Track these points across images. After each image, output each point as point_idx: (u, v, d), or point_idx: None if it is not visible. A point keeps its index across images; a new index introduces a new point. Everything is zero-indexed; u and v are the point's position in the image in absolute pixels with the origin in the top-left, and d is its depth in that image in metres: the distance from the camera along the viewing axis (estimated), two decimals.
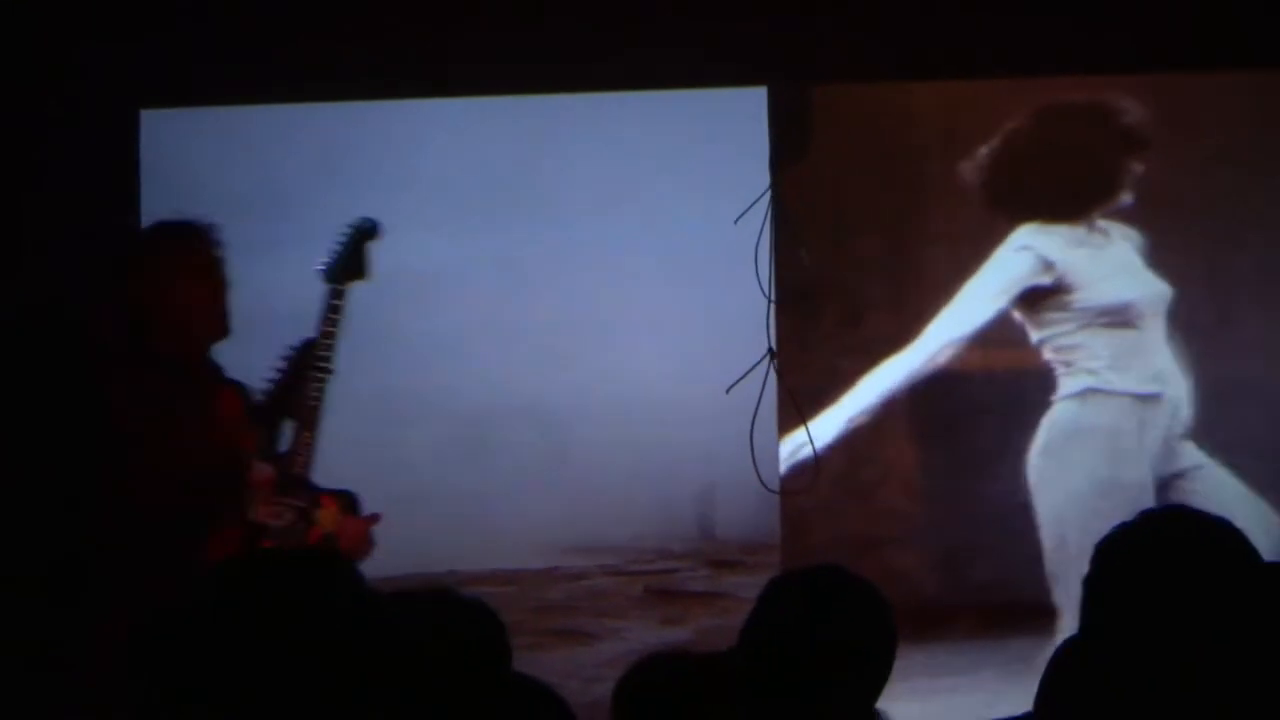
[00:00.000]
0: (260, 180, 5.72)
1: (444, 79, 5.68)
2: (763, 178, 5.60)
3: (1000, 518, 5.61)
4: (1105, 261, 5.66)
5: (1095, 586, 2.50)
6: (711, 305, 5.63)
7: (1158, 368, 5.63)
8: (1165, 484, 5.60)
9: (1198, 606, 2.42)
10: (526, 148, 5.71)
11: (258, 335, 5.58)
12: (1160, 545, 2.49)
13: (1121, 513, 5.38)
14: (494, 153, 5.71)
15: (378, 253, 5.15)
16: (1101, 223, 5.67)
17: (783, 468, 5.59)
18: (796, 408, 5.47)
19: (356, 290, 5.16)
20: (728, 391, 5.41)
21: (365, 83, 5.66)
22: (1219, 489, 5.52)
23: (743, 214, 5.45)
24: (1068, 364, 5.65)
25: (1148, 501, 5.50)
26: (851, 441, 5.63)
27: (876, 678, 3.16)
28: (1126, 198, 5.66)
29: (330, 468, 5.61)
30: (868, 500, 5.63)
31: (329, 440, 5.61)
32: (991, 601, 5.58)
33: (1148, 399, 5.62)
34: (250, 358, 5.66)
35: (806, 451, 5.50)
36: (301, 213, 5.68)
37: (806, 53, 5.63)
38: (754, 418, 5.40)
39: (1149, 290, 5.64)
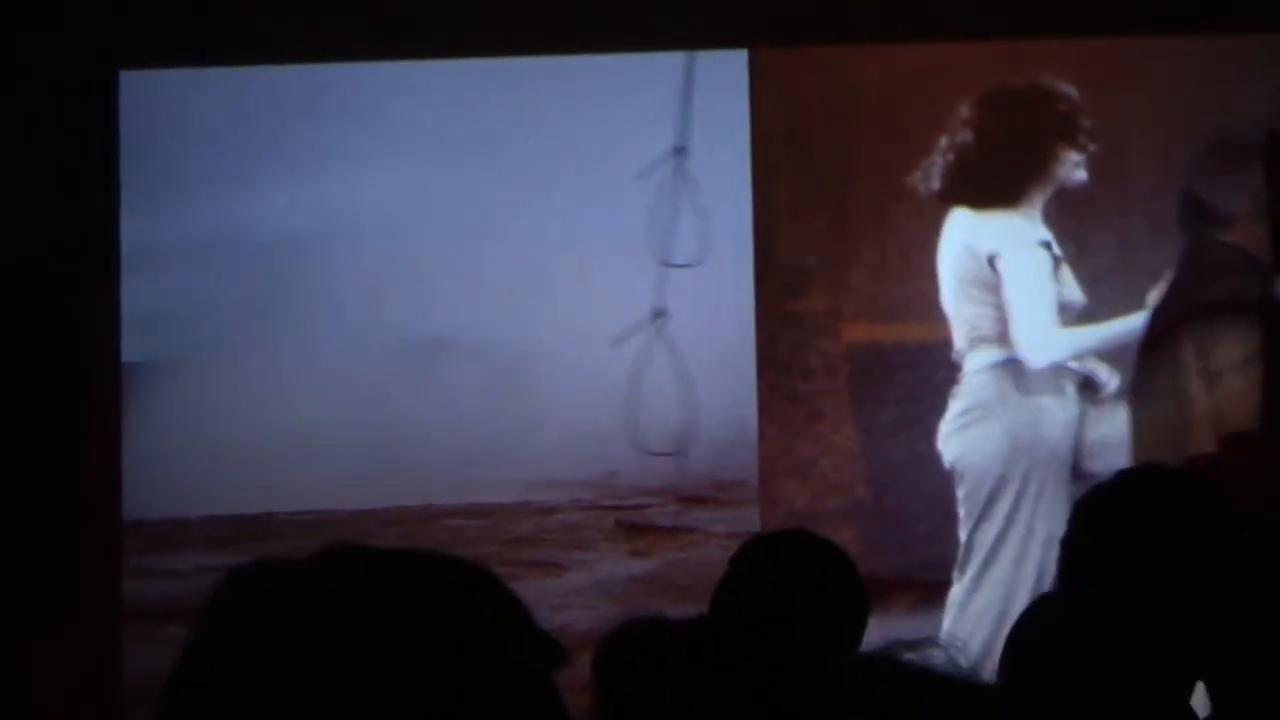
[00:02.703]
0: (241, 118, 5.76)
1: (423, 41, 5.68)
2: (733, 140, 5.68)
3: (932, 492, 5.64)
4: (1045, 254, 5.71)
5: (1073, 545, 2.46)
6: (687, 248, 5.69)
7: (1078, 345, 5.66)
8: (1085, 452, 5.61)
9: (1176, 567, 2.39)
10: (503, 106, 5.75)
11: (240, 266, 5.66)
12: (1141, 505, 2.45)
13: (1040, 483, 5.40)
14: (466, 110, 5.74)
15: (353, 192, 5.17)
16: (1040, 219, 5.72)
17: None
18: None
19: (332, 227, 5.20)
20: (614, 345, 5.53)
21: (339, 46, 5.68)
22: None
23: (644, 173, 5.56)
24: (985, 338, 5.68)
25: (1064, 470, 5.57)
26: (789, 418, 5.69)
27: (850, 637, 3.11)
28: (1067, 181, 5.70)
29: (305, 403, 5.69)
30: (806, 477, 5.69)
31: (302, 376, 5.69)
32: (928, 577, 5.63)
33: (1065, 370, 5.63)
34: (228, 287, 5.76)
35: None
36: (281, 149, 5.73)
37: (790, 16, 5.67)
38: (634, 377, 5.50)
39: (1075, 289, 5.68)
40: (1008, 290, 5.65)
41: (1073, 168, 5.67)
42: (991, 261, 5.67)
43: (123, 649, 5.60)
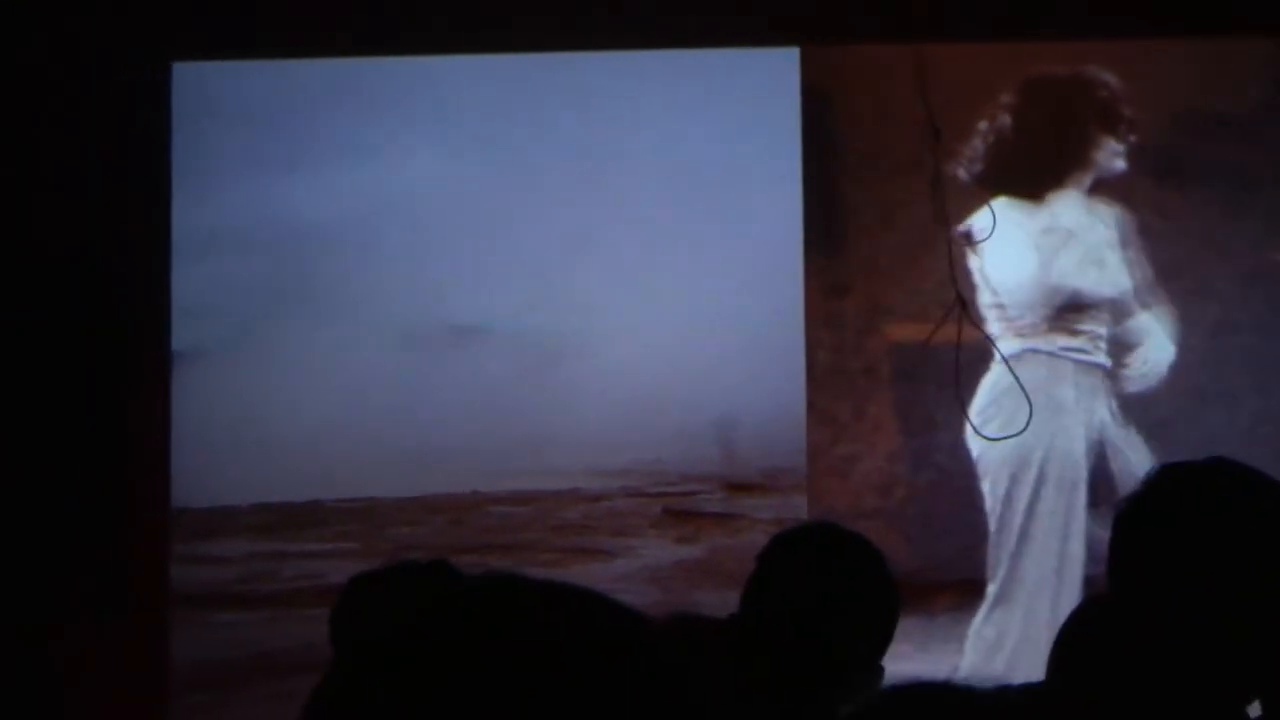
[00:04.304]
0: (286, 107, 5.78)
1: (473, 35, 5.70)
2: (784, 133, 5.69)
3: (973, 492, 5.64)
4: (1075, 245, 5.70)
5: (1121, 542, 2.34)
6: (736, 240, 5.70)
7: (1102, 344, 5.63)
8: (1100, 450, 5.60)
9: (1228, 566, 2.28)
10: (546, 98, 5.76)
11: (286, 253, 5.68)
12: (1193, 499, 2.33)
13: (1058, 473, 5.37)
14: (510, 101, 5.76)
15: (405, 182, 5.18)
16: (1086, 201, 5.70)
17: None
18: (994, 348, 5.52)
19: (380, 214, 5.21)
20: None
21: (396, 37, 5.70)
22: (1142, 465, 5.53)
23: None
24: (1013, 331, 5.68)
25: (1081, 464, 5.56)
26: (833, 416, 5.70)
27: (881, 632, 3.07)
28: (1104, 171, 5.69)
29: (352, 391, 5.71)
30: (848, 475, 5.69)
31: (349, 363, 5.71)
32: (969, 576, 5.63)
33: (1088, 366, 5.63)
34: (273, 274, 5.77)
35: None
36: (326, 137, 5.75)
37: (839, 14, 5.68)
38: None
39: (1108, 281, 5.65)
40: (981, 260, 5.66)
41: (1112, 156, 5.66)
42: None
43: (169, 635, 5.63)
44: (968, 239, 5.68)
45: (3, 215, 5.65)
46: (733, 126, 5.70)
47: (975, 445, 5.62)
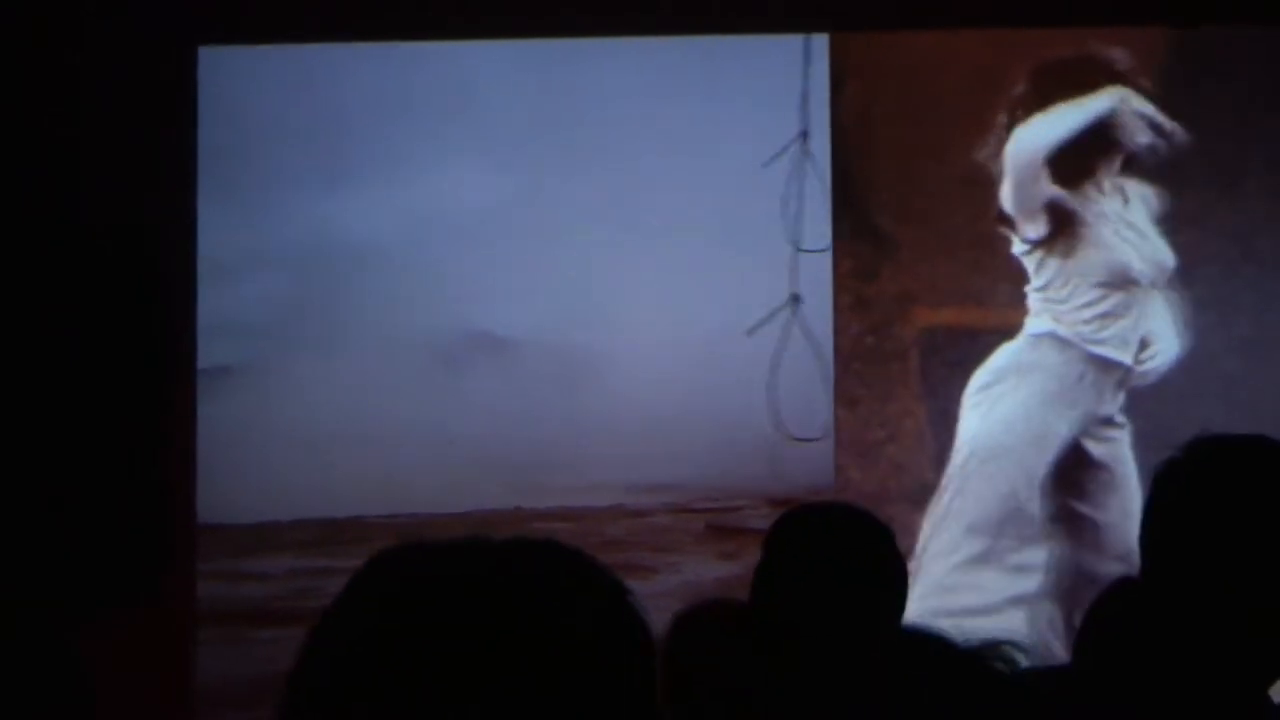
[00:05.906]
0: (316, 118, 5.78)
1: (505, 20, 5.72)
2: (813, 121, 5.68)
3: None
4: (1112, 225, 5.67)
5: (1153, 520, 2.32)
6: (776, 253, 5.69)
7: (1134, 338, 5.61)
8: (1080, 443, 5.59)
9: (1265, 544, 2.26)
10: (580, 91, 5.76)
11: (318, 267, 5.67)
12: (1228, 475, 2.30)
13: (1031, 456, 5.38)
14: (546, 95, 5.76)
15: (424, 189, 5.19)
16: (1118, 182, 5.68)
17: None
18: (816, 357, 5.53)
19: (411, 225, 5.22)
20: (749, 334, 5.48)
21: (415, 24, 5.71)
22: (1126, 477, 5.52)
23: (773, 158, 5.53)
24: (1048, 312, 5.65)
25: (1055, 451, 5.54)
26: (858, 401, 5.68)
27: (897, 603, 3.12)
28: (1131, 148, 5.67)
29: (393, 406, 5.70)
30: (873, 458, 5.68)
31: (393, 377, 5.70)
32: None
33: (1104, 362, 5.61)
34: (310, 289, 5.75)
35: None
36: (357, 149, 5.75)
37: (869, 0, 5.67)
38: (774, 364, 5.47)
39: (1152, 258, 5.63)
40: None
41: (1137, 131, 5.64)
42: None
43: (194, 651, 5.63)
44: (1002, 220, 5.69)
45: (28, 226, 5.65)
46: (761, 114, 5.69)
47: (965, 404, 5.62)
